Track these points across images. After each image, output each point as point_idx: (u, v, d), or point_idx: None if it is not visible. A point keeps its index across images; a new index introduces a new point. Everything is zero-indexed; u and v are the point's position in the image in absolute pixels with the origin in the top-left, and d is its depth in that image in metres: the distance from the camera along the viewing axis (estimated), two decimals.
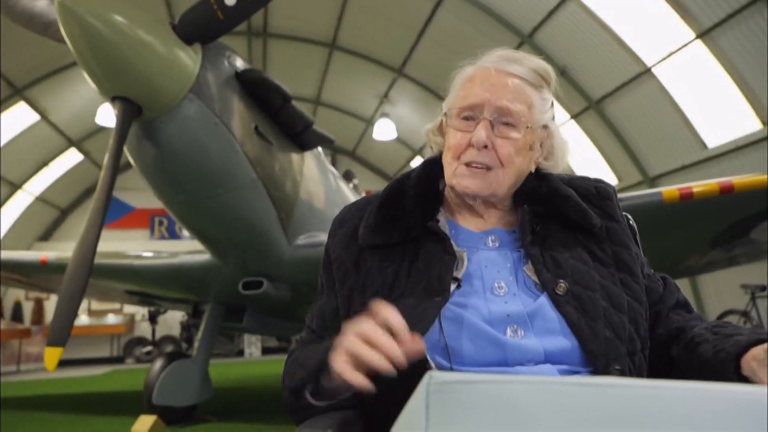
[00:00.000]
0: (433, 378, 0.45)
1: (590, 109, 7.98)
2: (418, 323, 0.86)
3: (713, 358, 0.84)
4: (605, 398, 0.45)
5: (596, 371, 0.86)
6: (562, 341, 0.88)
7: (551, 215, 1.01)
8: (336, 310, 1.02)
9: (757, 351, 0.78)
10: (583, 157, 8.79)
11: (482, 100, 0.96)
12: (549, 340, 0.88)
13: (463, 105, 0.99)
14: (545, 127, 1.02)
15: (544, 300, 0.91)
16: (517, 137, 0.96)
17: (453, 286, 0.93)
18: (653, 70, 6.87)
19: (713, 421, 0.44)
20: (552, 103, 1.04)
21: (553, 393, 0.45)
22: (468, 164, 0.97)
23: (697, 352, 0.88)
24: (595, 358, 0.86)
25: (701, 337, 0.90)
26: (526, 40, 7.81)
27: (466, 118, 0.98)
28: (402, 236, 0.99)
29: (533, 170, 1.04)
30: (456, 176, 0.98)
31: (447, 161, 1.01)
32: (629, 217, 1.11)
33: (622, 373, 0.86)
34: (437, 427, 0.42)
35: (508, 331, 0.88)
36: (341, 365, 0.73)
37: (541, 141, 1.02)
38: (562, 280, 0.92)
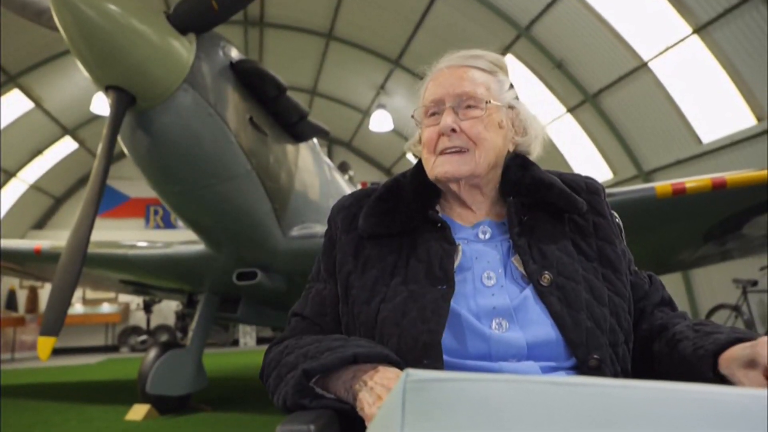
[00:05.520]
0: (409, 376, 0.45)
1: (586, 102, 7.98)
2: (432, 318, 0.88)
3: (692, 355, 0.85)
4: (580, 397, 0.46)
5: (577, 360, 0.89)
6: (545, 331, 0.90)
7: (539, 205, 1.04)
8: (338, 297, 1.03)
9: (736, 351, 0.79)
10: (578, 150, 8.80)
11: (442, 93, 1.03)
12: (532, 331, 0.90)
13: (426, 104, 1.05)
14: (511, 107, 1.07)
15: (529, 292, 0.93)
16: (480, 114, 1.01)
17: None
18: (649, 64, 6.86)
19: (687, 422, 0.45)
20: (511, 85, 1.09)
21: (528, 392, 0.46)
22: (443, 152, 1.02)
23: (678, 348, 0.90)
24: (576, 347, 0.88)
25: (682, 334, 0.92)
26: (523, 33, 7.78)
27: (433, 114, 1.04)
28: (402, 226, 1.02)
29: (511, 149, 1.08)
30: (435, 167, 1.03)
31: (425, 158, 1.06)
32: (616, 215, 1.12)
33: (601, 362, 0.88)
34: (413, 426, 0.43)
35: (494, 323, 0.90)
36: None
37: (511, 120, 1.07)
38: (547, 271, 0.94)
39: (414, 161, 1.15)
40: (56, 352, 2.86)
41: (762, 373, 0.74)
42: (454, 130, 1.00)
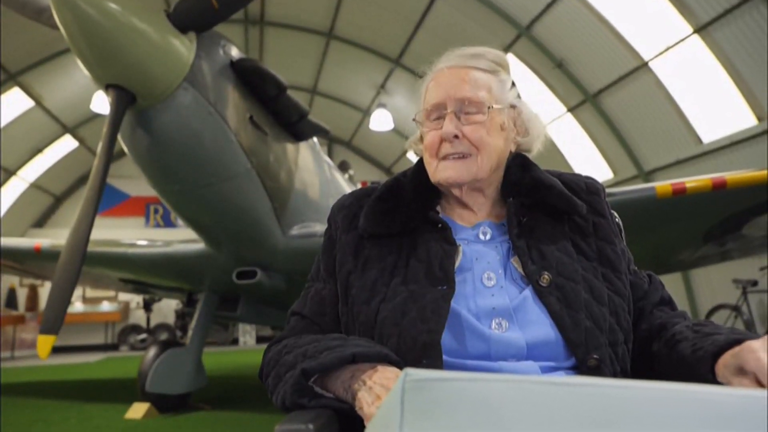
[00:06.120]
0: (408, 375, 0.45)
1: (587, 102, 7.97)
2: (432, 318, 0.88)
3: (691, 356, 0.85)
4: (579, 398, 0.46)
5: (576, 360, 0.89)
6: (544, 332, 0.90)
7: (538, 206, 1.04)
8: (337, 297, 1.02)
9: (728, 358, 0.79)
10: (578, 150, 8.79)
11: (443, 97, 1.02)
12: (531, 331, 0.90)
13: (427, 107, 1.05)
14: (513, 107, 1.06)
15: (528, 292, 0.94)
16: (483, 119, 1.00)
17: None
18: (650, 64, 6.85)
19: (687, 422, 0.45)
20: (513, 83, 1.09)
21: (528, 392, 0.46)
22: (445, 158, 1.01)
23: (677, 349, 0.90)
24: (575, 347, 0.89)
25: (681, 334, 0.91)
26: (524, 33, 7.78)
27: (435, 119, 1.04)
28: (403, 226, 1.02)
29: (513, 149, 1.08)
30: (437, 172, 1.02)
31: (427, 161, 1.06)
32: (616, 215, 1.12)
33: (600, 362, 0.89)
34: (412, 425, 0.43)
35: (493, 324, 0.91)
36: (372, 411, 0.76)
37: (513, 120, 1.07)
38: (546, 272, 0.94)
39: (414, 160, 1.14)
40: (56, 350, 2.87)
41: (752, 379, 0.73)
42: (456, 136, 1.00)
